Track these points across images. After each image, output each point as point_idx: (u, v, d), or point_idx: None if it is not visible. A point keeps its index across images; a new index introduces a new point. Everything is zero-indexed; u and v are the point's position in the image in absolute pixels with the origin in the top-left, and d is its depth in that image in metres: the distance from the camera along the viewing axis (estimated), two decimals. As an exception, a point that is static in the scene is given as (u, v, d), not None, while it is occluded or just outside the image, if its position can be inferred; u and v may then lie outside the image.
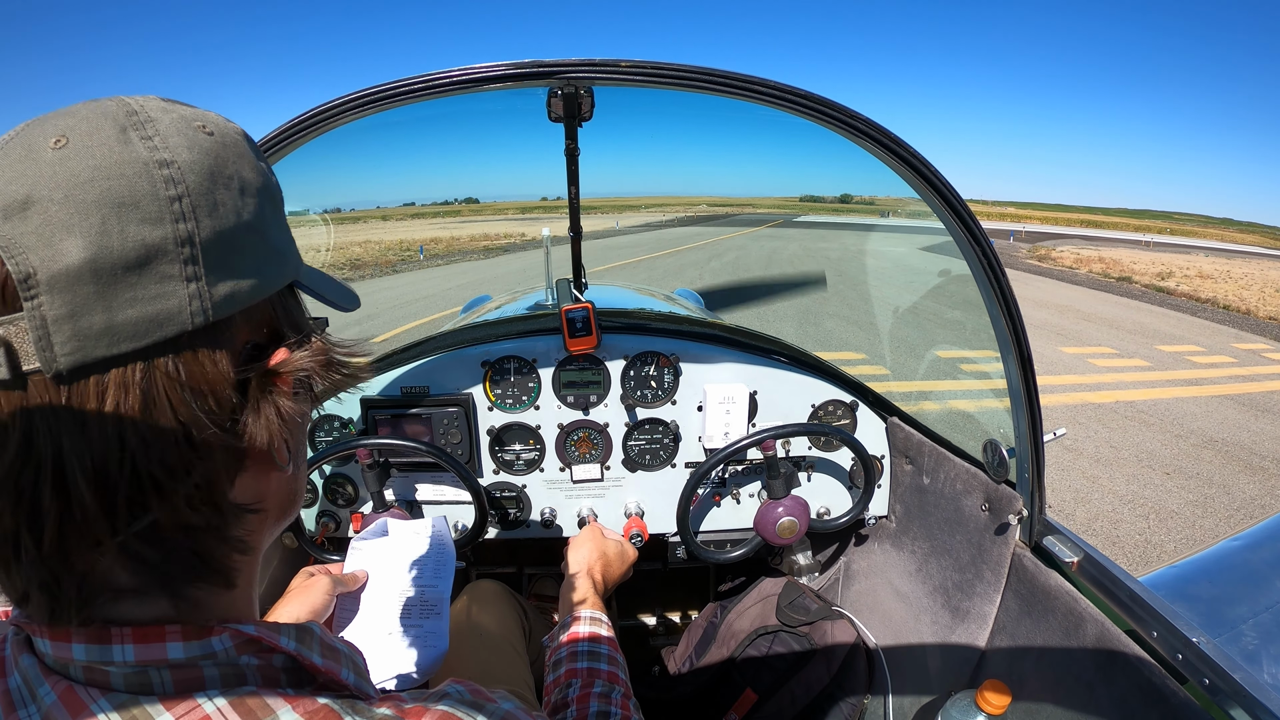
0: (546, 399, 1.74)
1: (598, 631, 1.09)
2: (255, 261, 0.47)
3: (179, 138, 0.44)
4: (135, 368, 0.41)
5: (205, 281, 0.43)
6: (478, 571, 2.26)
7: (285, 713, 0.44)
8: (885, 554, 1.87)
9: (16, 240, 0.38)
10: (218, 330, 0.44)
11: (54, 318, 0.38)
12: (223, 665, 0.46)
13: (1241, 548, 2.05)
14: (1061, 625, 1.23)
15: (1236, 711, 0.94)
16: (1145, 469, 5.54)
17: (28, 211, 0.39)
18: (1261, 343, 11.80)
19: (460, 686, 0.57)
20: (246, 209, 0.47)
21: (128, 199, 0.41)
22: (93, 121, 0.42)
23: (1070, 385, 8.04)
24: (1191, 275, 22.59)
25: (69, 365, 0.39)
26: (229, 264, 0.45)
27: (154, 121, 0.44)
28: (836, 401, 1.82)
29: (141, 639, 0.44)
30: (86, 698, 0.43)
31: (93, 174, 0.40)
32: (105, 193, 0.40)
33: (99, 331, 0.39)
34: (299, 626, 0.50)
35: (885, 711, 1.66)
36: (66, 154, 0.40)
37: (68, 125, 0.42)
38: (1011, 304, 1.24)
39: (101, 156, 0.41)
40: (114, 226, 0.40)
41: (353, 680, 0.52)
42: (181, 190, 0.43)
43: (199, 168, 0.44)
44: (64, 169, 0.40)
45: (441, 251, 25.72)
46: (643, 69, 1.08)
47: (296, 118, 1.12)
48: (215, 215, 0.44)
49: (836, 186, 51.21)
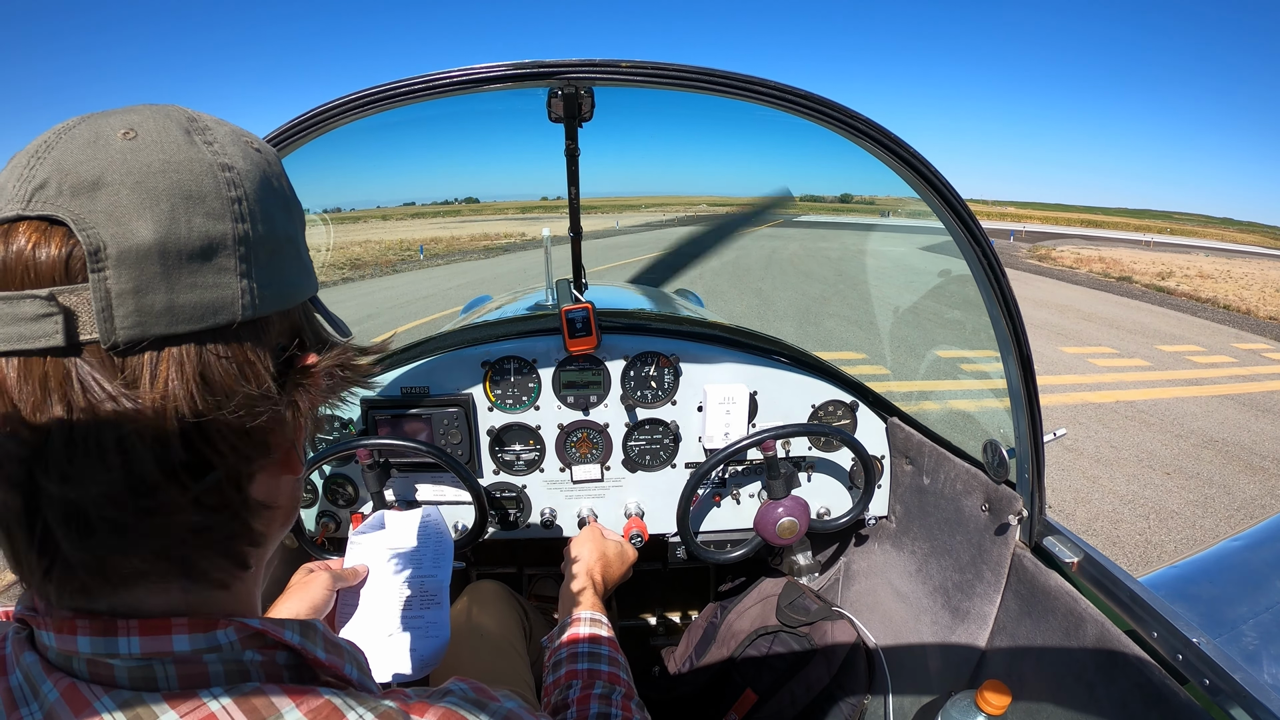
0: (546, 399, 1.74)
1: (598, 633, 1.09)
2: (291, 270, 0.51)
3: (235, 147, 0.48)
4: (189, 349, 0.43)
5: (255, 279, 0.46)
6: (478, 571, 2.26)
7: (290, 710, 0.44)
8: (885, 554, 1.87)
9: (85, 217, 0.40)
10: (259, 326, 0.47)
11: (119, 291, 0.40)
12: (227, 660, 0.46)
13: (1241, 548, 2.05)
14: (1061, 625, 1.22)
15: (1236, 711, 0.94)
16: (1145, 469, 5.54)
17: (97, 192, 0.41)
18: (1262, 342, 11.80)
19: (464, 685, 0.57)
20: (288, 222, 0.51)
21: (195, 193, 0.44)
22: (159, 120, 0.45)
23: (1070, 385, 8.04)
24: (1192, 275, 22.58)
25: (127, 338, 0.41)
26: (273, 267, 0.48)
27: (212, 130, 0.47)
28: (836, 402, 1.82)
29: (148, 631, 0.44)
30: (90, 695, 0.43)
31: (164, 166, 0.43)
32: (175, 184, 0.43)
33: (160, 310, 0.42)
34: (303, 622, 0.51)
35: (885, 712, 1.66)
36: (137, 145, 0.43)
37: (135, 120, 0.44)
38: (1011, 304, 1.24)
39: (171, 152, 0.44)
40: (181, 216, 0.43)
41: (356, 676, 0.52)
42: (241, 193, 0.46)
43: (254, 177, 0.48)
44: (135, 158, 0.42)
45: (442, 251, 25.71)
46: (643, 69, 1.08)
47: (297, 118, 1.12)
48: (266, 221, 0.48)
49: (836, 186, 51.21)
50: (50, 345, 0.40)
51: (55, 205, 0.40)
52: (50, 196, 0.41)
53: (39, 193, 0.41)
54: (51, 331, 0.40)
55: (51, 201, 0.41)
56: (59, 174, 0.41)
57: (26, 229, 0.40)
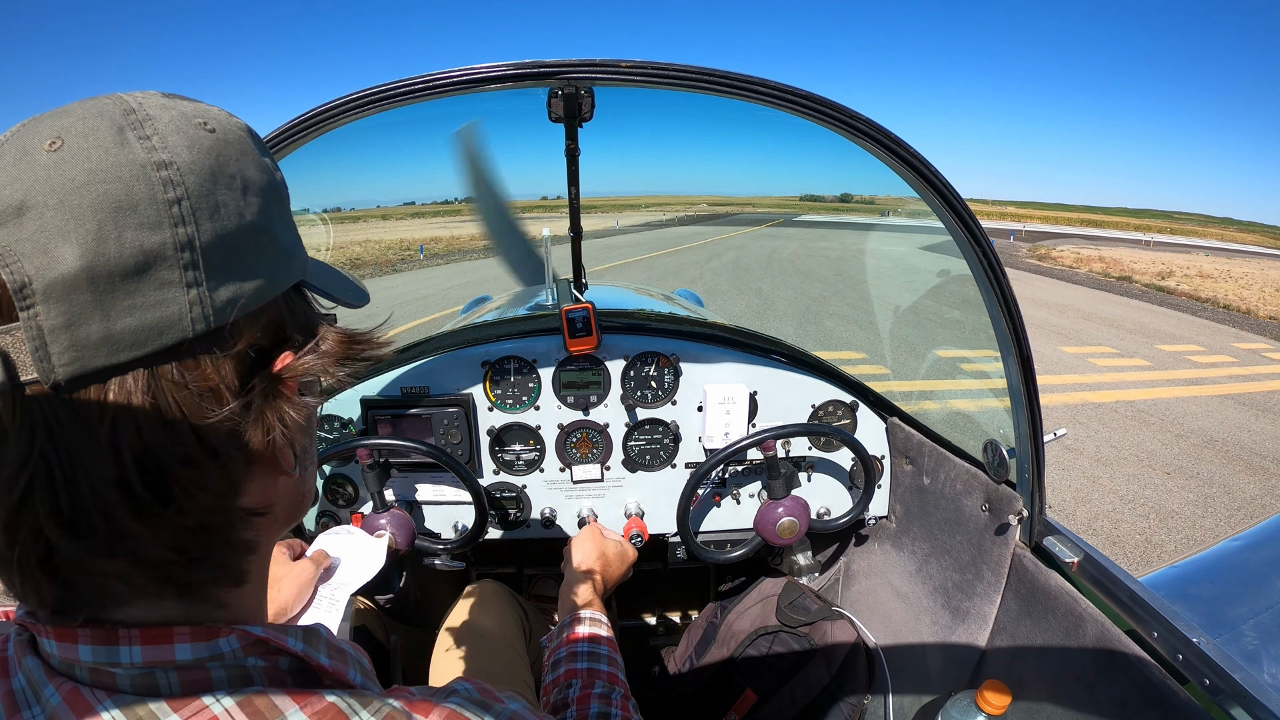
0: (546, 399, 1.74)
1: (597, 632, 1.09)
2: (259, 263, 0.46)
3: (178, 136, 0.43)
4: (137, 376, 0.40)
5: (206, 286, 0.42)
6: (478, 571, 2.26)
7: (294, 713, 0.44)
8: (885, 554, 1.87)
9: (11, 248, 0.37)
10: (220, 336, 0.43)
11: (50, 328, 0.37)
12: (229, 667, 0.46)
13: (1241, 548, 2.05)
14: (1061, 625, 1.23)
15: (1236, 711, 0.94)
16: (1145, 469, 5.54)
17: (23, 218, 0.38)
18: (1262, 342, 11.80)
19: (469, 685, 0.57)
20: (250, 209, 0.46)
21: (125, 203, 0.39)
22: (88, 122, 0.41)
23: (1070, 385, 8.04)
24: (1192, 275, 22.59)
25: (67, 375, 0.38)
26: (231, 267, 0.44)
27: (152, 120, 0.42)
28: (836, 402, 1.82)
29: (149, 640, 0.44)
30: (92, 699, 0.42)
31: (88, 177, 0.39)
32: (101, 197, 0.39)
33: (97, 341, 0.39)
34: (305, 628, 0.50)
35: (885, 712, 1.66)
36: (61, 157, 0.39)
37: (63, 126, 0.40)
38: (1011, 304, 1.24)
39: (97, 159, 0.39)
40: (110, 232, 0.39)
41: (359, 681, 0.52)
42: (181, 193, 0.41)
43: (199, 168, 0.43)
44: (59, 173, 0.39)
45: (442, 250, 25.71)
46: (643, 69, 1.08)
47: (297, 118, 1.12)
48: (216, 217, 0.43)
49: (836, 186, 51.03)
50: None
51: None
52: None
53: None
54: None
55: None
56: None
57: None
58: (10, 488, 0.39)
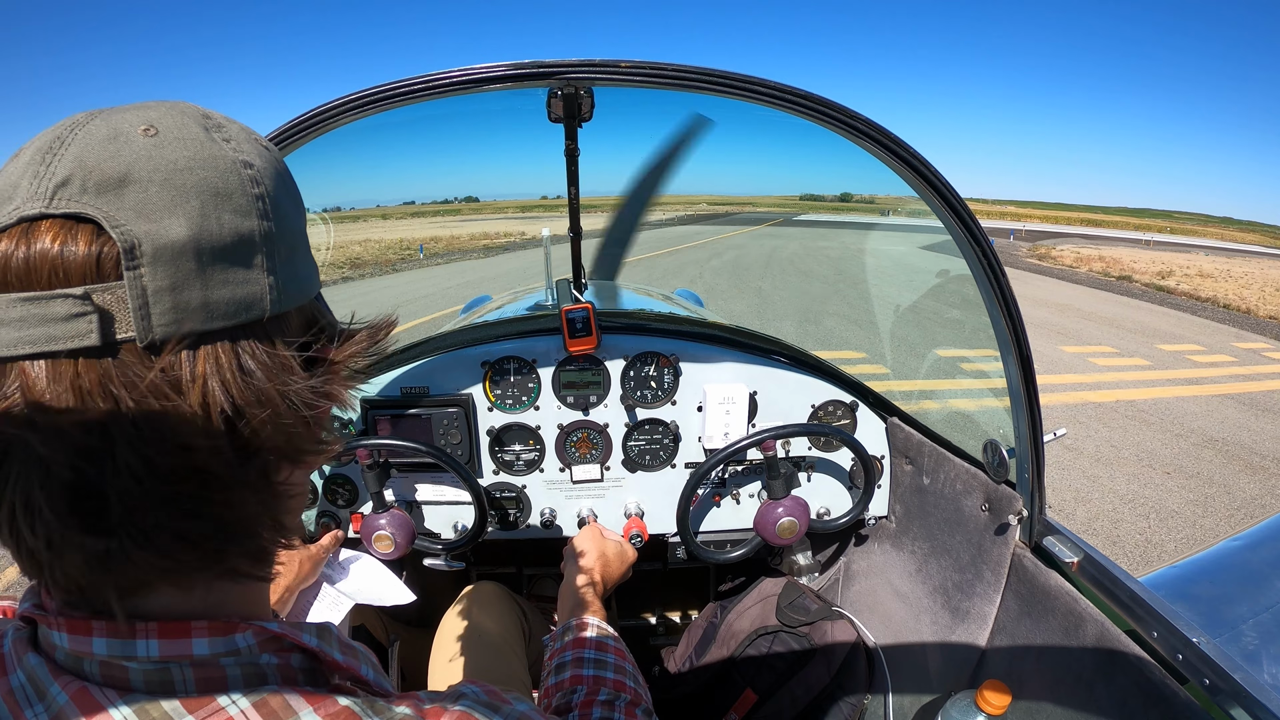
0: (546, 399, 1.74)
1: (605, 640, 1.09)
2: (306, 265, 0.52)
3: (250, 145, 0.48)
4: (225, 345, 0.43)
5: (278, 275, 0.47)
6: (478, 572, 2.26)
7: (307, 714, 0.44)
8: (885, 554, 1.87)
9: (114, 214, 0.40)
10: (283, 321, 0.48)
11: (155, 289, 0.40)
12: (244, 664, 0.45)
13: (1241, 548, 2.05)
14: (1061, 625, 1.23)
15: (1236, 711, 0.94)
16: (1145, 468, 5.54)
17: (124, 189, 0.40)
18: (1262, 342, 11.80)
19: (476, 688, 0.57)
20: (300, 219, 0.52)
21: (221, 190, 0.43)
22: (175, 117, 0.45)
23: (1071, 384, 8.04)
24: (1192, 274, 22.59)
25: (164, 335, 0.41)
26: (290, 263, 0.49)
27: (226, 128, 0.47)
28: (836, 402, 1.82)
29: (167, 634, 0.44)
30: (102, 698, 0.42)
31: (189, 163, 0.43)
32: (202, 181, 0.43)
33: (196, 306, 0.42)
34: (319, 625, 0.51)
35: (885, 712, 1.66)
36: (159, 142, 0.42)
37: (153, 117, 0.44)
38: (1011, 304, 1.24)
39: (194, 149, 0.43)
40: (211, 213, 0.43)
41: (372, 676, 0.52)
42: (263, 190, 0.46)
43: (271, 174, 0.48)
44: (160, 155, 0.42)
45: (441, 250, 25.71)
46: (643, 69, 1.08)
47: (297, 118, 1.12)
48: (282, 218, 0.48)
49: (836, 185, 51.05)
50: (84, 345, 0.39)
51: (81, 203, 0.40)
52: (74, 194, 0.40)
53: (61, 190, 0.40)
54: (85, 331, 0.39)
55: (76, 199, 0.40)
56: (81, 171, 0.40)
57: (50, 227, 0.39)
58: (83, 453, 0.39)
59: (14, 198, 0.40)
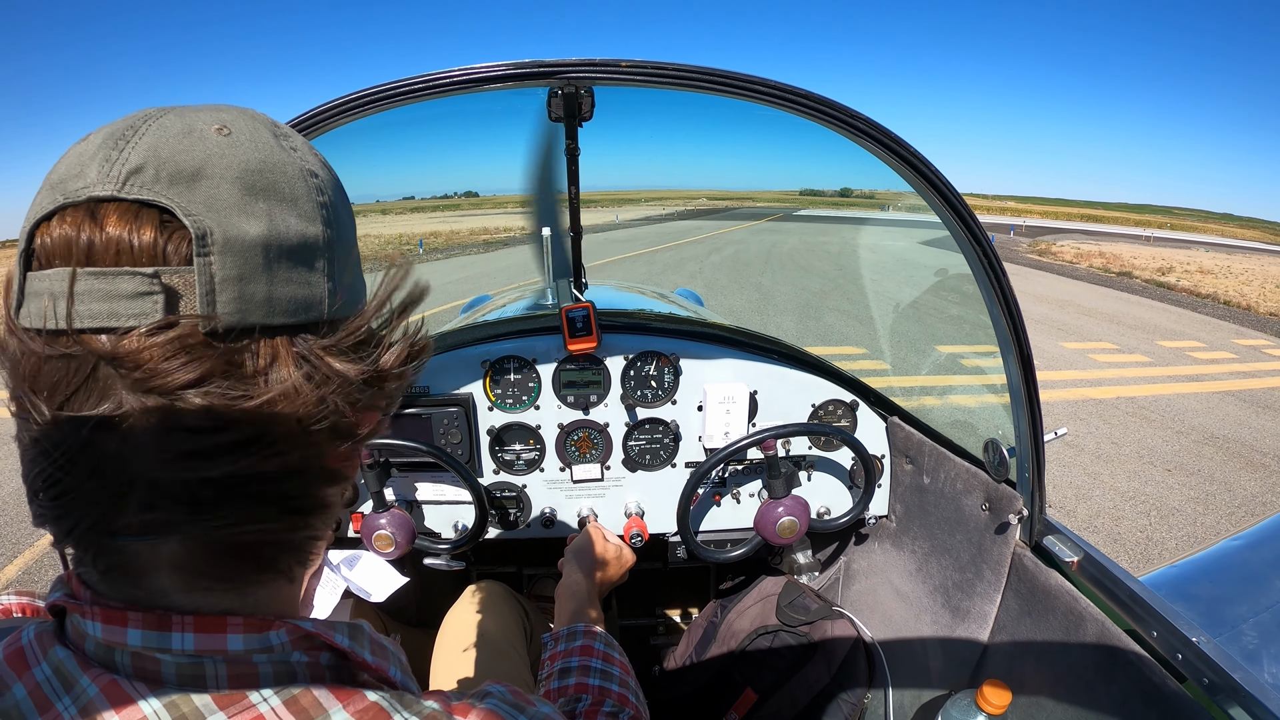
0: (546, 399, 1.74)
1: (611, 652, 1.08)
2: (357, 277, 0.53)
3: (313, 156, 0.49)
4: (283, 341, 0.44)
5: (336, 281, 0.48)
6: (478, 571, 2.26)
7: (337, 711, 0.44)
8: (885, 553, 1.87)
9: (186, 205, 0.41)
10: (338, 326, 0.48)
11: (223, 277, 0.41)
12: (276, 661, 0.45)
13: (1241, 547, 2.05)
14: (1061, 625, 1.23)
15: (1236, 711, 0.94)
16: (1146, 465, 5.55)
17: (197, 183, 0.41)
18: (1262, 338, 11.79)
19: (502, 688, 0.57)
20: (353, 232, 0.53)
21: (290, 195, 0.45)
22: (249, 121, 0.46)
23: (1071, 381, 8.04)
24: (1192, 270, 22.57)
25: (227, 324, 0.41)
26: (347, 271, 0.50)
27: (292, 137, 0.49)
28: (837, 401, 1.82)
29: (203, 628, 0.44)
30: (133, 691, 0.42)
31: (261, 165, 0.44)
32: (272, 184, 0.44)
33: (260, 300, 0.42)
34: (350, 624, 0.51)
35: (885, 711, 1.66)
36: (233, 141, 0.44)
37: (226, 119, 0.45)
38: (1011, 303, 1.24)
39: (266, 153, 0.45)
40: (278, 215, 0.44)
41: (399, 678, 0.52)
42: (326, 199, 0.48)
43: (332, 185, 0.50)
44: (234, 154, 0.43)
45: (441, 245, 25.69)
46: (643, 69, 1.07)
47: (297, 118, 1.12)
48: (340, 228, 0.49)
49: (836, 180, 50.99)
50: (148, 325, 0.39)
51: (154, 191, 0.40)
52: (147, 182, 0.40)
53: (134, 176, 0.40)
54: (150, 310, 0.39)
55: (149, 187, 0.40)
56: (155, 160, 0.41)
57: (117, 210, 0.40)
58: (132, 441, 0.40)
59: (84, 177, 0.41)
